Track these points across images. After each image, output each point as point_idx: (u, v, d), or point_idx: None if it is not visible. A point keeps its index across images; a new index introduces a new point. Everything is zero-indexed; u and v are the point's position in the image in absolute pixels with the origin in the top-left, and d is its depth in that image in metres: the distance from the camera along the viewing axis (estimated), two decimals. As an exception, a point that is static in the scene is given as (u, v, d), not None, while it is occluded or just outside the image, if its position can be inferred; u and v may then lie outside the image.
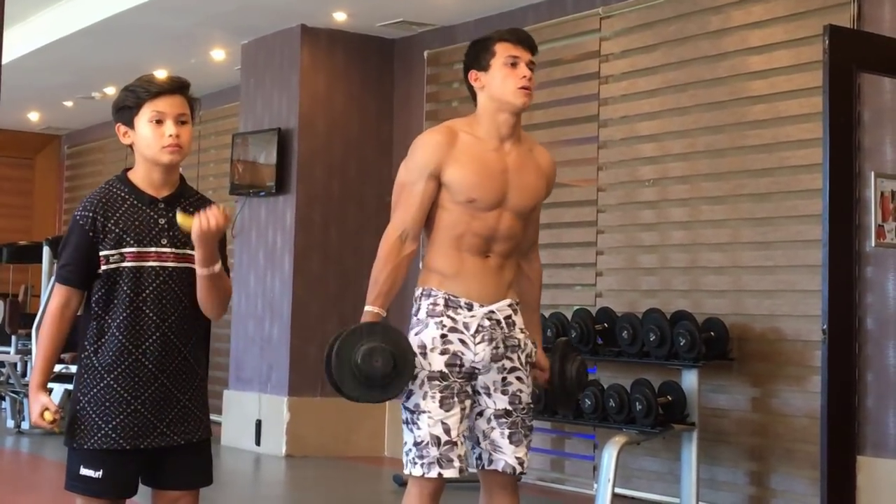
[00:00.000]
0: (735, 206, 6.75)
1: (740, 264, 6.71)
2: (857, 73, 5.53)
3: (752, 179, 6.66)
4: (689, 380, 6.37)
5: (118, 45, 9.64)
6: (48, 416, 3.15)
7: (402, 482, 7.34)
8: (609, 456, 6.16)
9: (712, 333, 6.39)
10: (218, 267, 3.20)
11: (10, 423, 10.11)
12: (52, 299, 3.25)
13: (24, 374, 11.20)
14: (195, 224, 3.10)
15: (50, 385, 10.54)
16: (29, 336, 11.05)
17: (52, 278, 11.52)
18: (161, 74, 3.47)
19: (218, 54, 9.83)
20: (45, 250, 11.43)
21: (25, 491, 7.32)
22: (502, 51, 3.67)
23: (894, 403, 5.90)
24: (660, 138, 7.18)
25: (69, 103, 12.41)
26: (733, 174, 6.77)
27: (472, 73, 3.72)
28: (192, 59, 9.93)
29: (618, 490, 6.31)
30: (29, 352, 11.05)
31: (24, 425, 9.98)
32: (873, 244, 5.51)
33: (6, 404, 10.38)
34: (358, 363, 3.48)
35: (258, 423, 8.95)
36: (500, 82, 3.65)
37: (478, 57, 3.71)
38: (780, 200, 6.52)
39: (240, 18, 8.84)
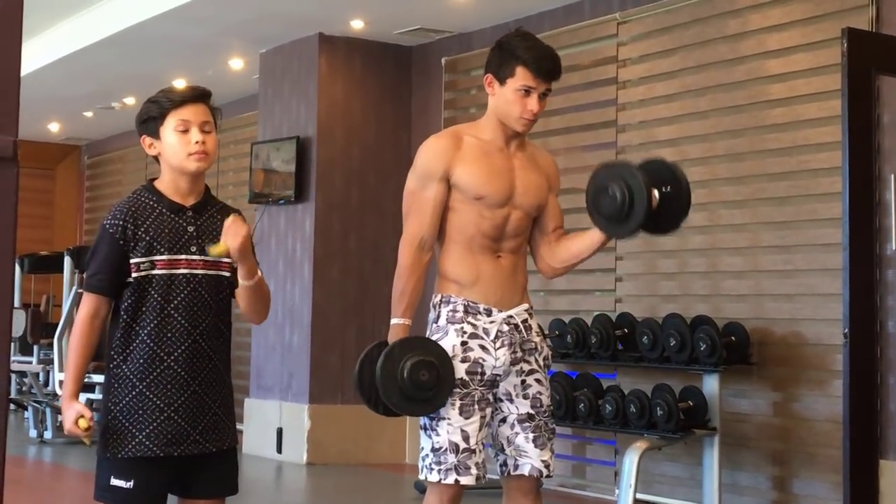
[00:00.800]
0: (755, 210, 6.74)
1: (760, 268, 6.69)
2: (876, 75, 5.52)
3: (772, 183, 6.65)
4: (710, 385, 6.35)
5: (138, 55, 9.69)
6: (83, 423, 3.15)
7: (423, 489, 7.33)
8: (630, 461, 6.15)
9: (733, 338, 6.37)
10: (260, 274, 3.25)
11: (34, 433, 10.15)
12: (82, 308, 3.25)
13: (46, 384, 11.26)
14: (225, 245, 3.15)
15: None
16: (51, 346, 11.11)
17: (74, 288, 11.60)
18: (181, 84, 3.49)
19: (236, 63, 9.87)
20: (67, 260, 11.49)
21: (48, 501, 7.35)
22: (520, 76, 3.66)
23: (917, 407, 5.87)
24: (678, 143, 7.17)
25: (89, 114, 12.47)
26: (752, 178, 6.76)
27: (489, 78, 3.75)
28: (210, 69, 9.97)
29: (639, 495, 6.30)
30: (51, 361, 11.11)
31: (47, 435, 10.02)
32: (894, 247, 5.50)
33: (29, 414, 10.42)
34: (405, 377, 3.51)
35: (279, 431, 8.96)
36: (509, 105, 3.68)
37: (499, 66, 3.72)
38: (799, 204, 6.50)
39: (258, 27, 8.88)
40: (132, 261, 3.19)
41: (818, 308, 6.34)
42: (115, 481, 3.19)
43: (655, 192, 3.62)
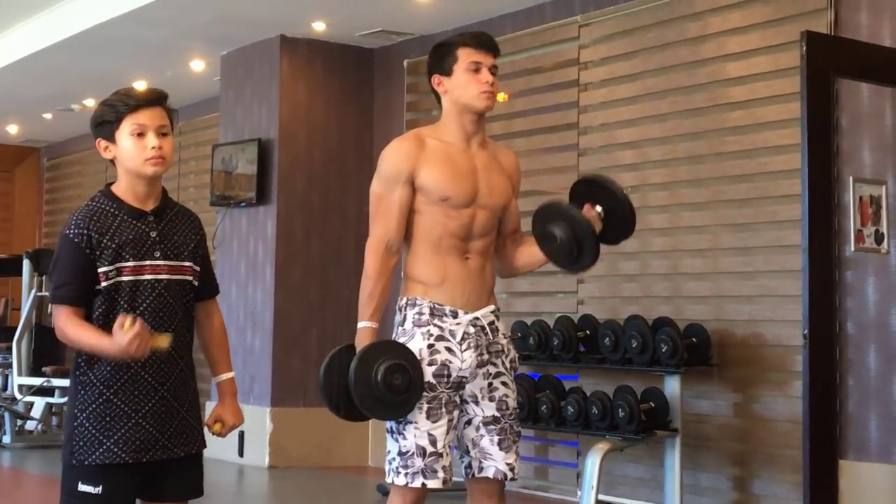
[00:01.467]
0: (715, 212, 6.78)
1: (721, 270, 6.73)
2: (835, 78, 5.56)
3: (732, 185, 6.69)
4: (672, 386, 6.38)
5: (97, 57, 9.63)
6: (127, 324, 3.00)
7: (385, 492, 7.33)
8: (592, 463, 6.17)
9: (694, 339, 6.40)
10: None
11: (-8, 438, 10.05)
12: (57, 322, 3.20)
13: (4, 388, 11.15)
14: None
15: (31, 398, 10.56)
16: (9, 350, 11.01)
17: (33, 291, 11.47)
18: (140, 86, 3.47)
19: (197, 65, 9.82)
20: (26, 263, 11.40)
21: (7, 505, 7.28)
22: (465, 56, 3.69)
23: (876, 407, 5.93)
24: (639, 145, 7.21)
25: (48, 115, 12.37)
26: (713, 180, 6.80)
27: (436, 78, 3.75)
28: (171, 71, 9.91)
29: (601, 497, 6.32)
30: (9, 365, 11.01)
31: (6, 439, 9.93)
32: (853, 249, 5.54)
33: (-13, 418, 10.31)
34: (378, 381, 3.50)
35: (241, 435, 8.92)
36: (463, 87, 3.68)
37: (441, 62, 3.73)
38: (759, 206, 6.55)
39: (219, 29, 8.84)
40: (100, 270, 3.16)
41: (778, 309, 6.38)
42: (83, 487, 3.16)
43: (598, 209, 3.70)
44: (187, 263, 3.28)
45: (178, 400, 3.24)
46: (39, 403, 10.40)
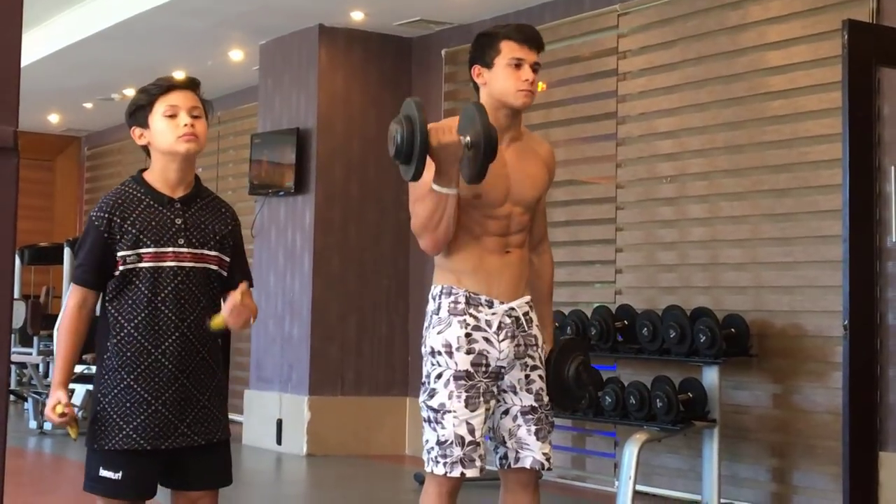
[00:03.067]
0: (754, 203, 6.73)
1: (760, 260, 6.69)
2: (877, 67, 5.51)
3: (772, 175, 6.65)
4: (710, 377, 6.36)
5: (137, 46, 9.68)
6: (59, 408, 3.14)
7: (422, 480, 7.34)
8: (630, 453, 6.15)
9: (733, 330, 6.37)
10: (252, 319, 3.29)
11: (33, 424, 10.15)
12: (69, 299, 3.27)
13: (45, 375, 11.27)
14: (224, 320, 3.20)
15: (72, 386, 10.65)
16: (51, 337, 11.11)
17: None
18: (178, 75, 3.49)
19: (236, 55, 9.86)
20: (66, 252, 11.49)
21: (47, 492, 7.36)
22: (507, 51, 3.64)
23: (916, 399, 5.88)
24: (678, 135, 7.17)
25: (89, 105, 12.46)
26: (752, 170, 6.75)
27: (476, 69, 3.70)
28: (210, 60, 9.96)
29: (639, 487, 6.31)
30: (51, 353, 11.11)
31: (47, 426, 10.03)
32: (894, 239, 5.49)
33: (28, 405, 10.43)
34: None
35: (279, 423, 8.97)
36: (502, 83, 3.63)
37: (482, 53, 3.69)
38: (799, 196, 6.50)
39: (258, 19, 8.86)
40: (118, 254, 3.18)
41: (818, 300, 6.34)
42: (103, 472, 3.19)
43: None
44: (213, 252, 3.28)
45: (198, 388, 3.25)
46: (80, 390, 10.48)
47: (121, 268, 3.19)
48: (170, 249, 3.22)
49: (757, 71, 6.74)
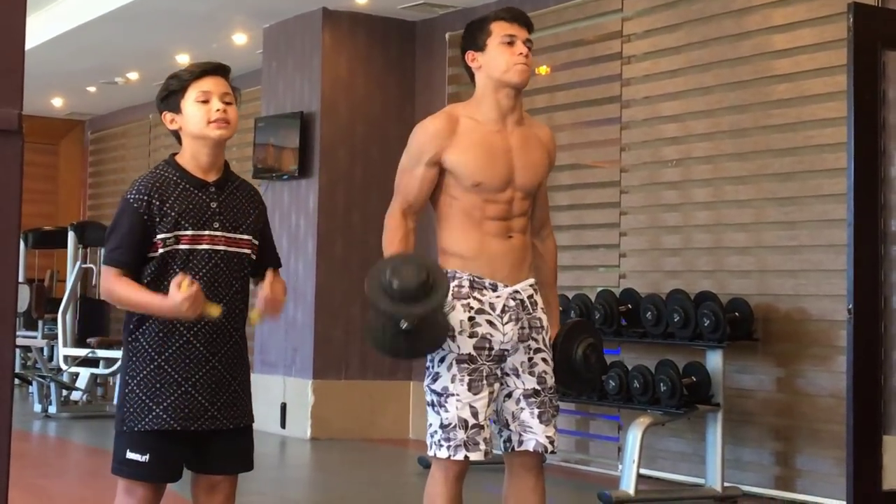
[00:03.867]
0: (759, 186, 6.73)
1: (764, 244, 6.68)
2: (882, 50, 5.49)
3: (777, 159, 6.63)
4: (714, 360, 6.36)
5: (141, 30, 9.67)
6: (185, 285, 3.04)
7: (427, 464, 7.35)
8: (634, 437, 6.16)
9: (737, 314, 6.37)
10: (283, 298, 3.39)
11: (38, 408, 10.18)
12: (103, 282, 3.24)
13: (50, 359, 11.30)
14: (260, 313, 3.28)
15: (76, 369, 10.67)
16: (55, 321, 11.14)
17: (78, 263, 11.56)
18: (183, 59, 3.50)
19: (240, 38, 9.84)
20: (70, 235, 11.51)
21: (53, 475, 7.37)
22: (498, 30, 3.64)
23: (920, 383, 5.88)
24: (683, 118, 7.16)
25: (92, 89, 12.45)
26: (757, 154, 6.74)
27: (470, 55, 3.70)
28: (214, 44, 9.94)
29: (643, 471, 6.32)
30: (55, 336, 11.14)
31: (52, 409, 10.06)
32: (899, 223, 5.48)
33: (33, 388, 10.45)
34: (388, 276, 3.41)
35: (283, 407, 8.98)
36: (498, 61, 3.63)
37: (474, 38, 3.69)
38: (804, 180, 6.49)
39: (262, 2, 8.85)
40: (158, 236, 3.18)
41: (822, 284, 6.34)
42: (130, 455, 3.19)
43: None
44: (246, 236, 3.31)
45: (229, 372, 3.26)
46: (84, 374, 10.52)
47: (160, 250, 3.18)
48: (206, 232, 3.23)
49: (762, 54, 6.72)
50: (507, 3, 8.04)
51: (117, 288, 3.18)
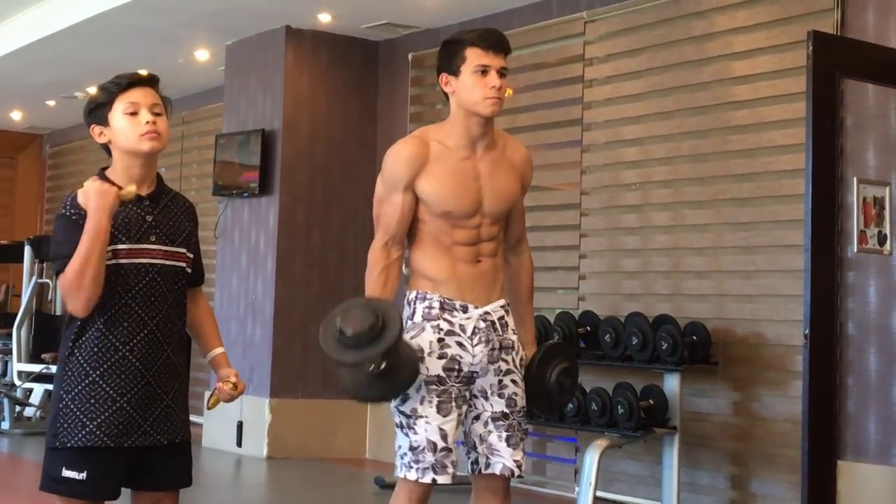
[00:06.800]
0: (718, 211, 6.77)
1: (722, 269, 6.72)
2: (841, 78, 5.55)
3: (735, 184, 6.68)
4: (671, 384, 6.38)
5: (101, 44, 9.62)
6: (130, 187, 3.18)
7: (383, 484, 7.33)
8: (591, 459, 6.16)
9: (694, 338, 6.40)
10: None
11: (-10, 424, 10.05)
12: (60, 286, 3.17)
13: (3, 374, 11.15)
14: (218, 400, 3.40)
15: (30, 385, 10.55)
16: (9, 336, 11.00)
17: (34, 278, 11.42)
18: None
19: (202, 55, 9.81)
20: (27, 250, 11.39)
21: (4, 492, 7.29)
22: (473, 58, 3.61)
23: (875, 408, 5.92)
24: (643, 142, 7.20)
25: (52, 102, 12.36)
26: (716, 179, 6.79)
27: (444, 77, 3.68)
28: (176, 60, 9.90)
29: (599, 493, 6.32)
30: (9, 352, 11.01)
31: (4, 426, 9.93)
32: (855, 249, 5.53)
33: (-14, 404, 10.31)
34: (338, 324, 3.37)
35: (240, 425, 8.92)
36: (469, 91, 3.61)
37: (449, 61, 3.66)
38: (762, 205, 6.54)
39: (224, 19, 8.83)
40: None
41: (779, 309, 6.38)
42: (67, 472, 3.14)
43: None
44: (181, 249, 3.28)
45: (162, 387, 3.22)
46: (38, 390, 10.39)
47: None
48: (143, 246, 3.20)
49: (722, 80, 6.77)
50: (471, 24, 8.08)
51: (69, 273, 3.09)
